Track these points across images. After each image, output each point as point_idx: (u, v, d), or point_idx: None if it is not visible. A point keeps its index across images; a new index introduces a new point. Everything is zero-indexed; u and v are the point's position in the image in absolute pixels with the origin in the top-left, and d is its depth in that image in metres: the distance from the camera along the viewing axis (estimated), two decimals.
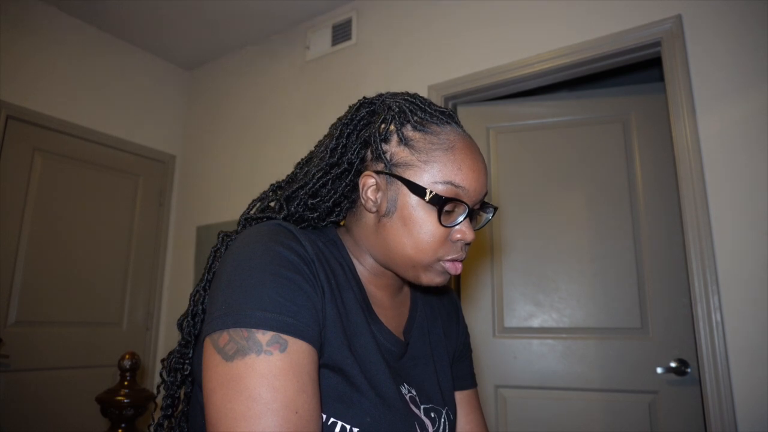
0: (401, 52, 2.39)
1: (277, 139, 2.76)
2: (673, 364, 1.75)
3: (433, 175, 0.62)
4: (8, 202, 2.39)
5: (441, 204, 0.61)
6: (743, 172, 1.56)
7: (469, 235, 0.63)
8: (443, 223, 0.62)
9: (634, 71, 2.39)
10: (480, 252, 2.14)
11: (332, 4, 2.63)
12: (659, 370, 1.77)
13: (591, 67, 1.95)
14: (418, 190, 0.62)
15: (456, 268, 0.65)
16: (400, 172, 0.64)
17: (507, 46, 2.08)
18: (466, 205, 0.63)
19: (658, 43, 1.78)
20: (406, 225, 0.63)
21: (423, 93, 2.23)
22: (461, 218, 0.63)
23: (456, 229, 0.64)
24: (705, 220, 1.59)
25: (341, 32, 2.61)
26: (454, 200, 0.62)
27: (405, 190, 0.63)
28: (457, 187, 0.62)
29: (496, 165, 2.18)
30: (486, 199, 0.70)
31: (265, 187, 0.76)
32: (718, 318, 1.53)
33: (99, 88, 2.81)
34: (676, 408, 1.74)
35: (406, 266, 0.65)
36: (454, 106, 2.26)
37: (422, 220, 0.62)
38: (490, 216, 0.72)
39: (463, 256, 0.66)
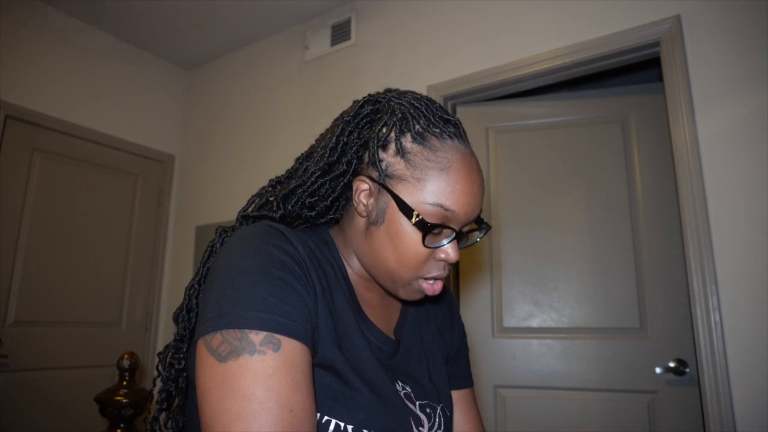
0: (400, 52, 2.39)
1: (276, 138, 2.76)
2: (671, 364, 1.75)
3: (424, 195, 0.60)
4: (7, 201, 2.39)
5: (426, 229, 0.60)
6: (742, 173, 1.56)
7: (453, 257, 0.62)
8: (427, 244, 0.61)
9: (633, 71, 2.39)
10: (479, 252, 2.14)
11: (331, 4, 2.63)
12: (658, 369, 1.76)
13: (590, 67, 1.95)
14: (407, 210, 0.61)
15: (434, 290, 0.65)
16: (392, 184, 0.62)
17: (506, 46, 2.08)
18: (453, 229, 0.62)
19: (657, 44, 1.77)
20: (392, 239, 0.62)
21: (422, 93, 2.23)
22: (446, 241, 0.62)
23: (441, 249, 0.63)
24: (704, 220, 1.59)
25: (340, 32, 2.61)
26: (441, 226, 0.61)
27: (394, 204, 0.62)
28: (446, 210, 0.60)
29: (495, 165, 2.18)
30: (481, 215, 0.69)
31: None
32: (717, 318, 1.53)
33: (98, 88, 2.81)
34: (675, 408, 1.74)
35: (386, 278, 0.65)
36: (454, 106, 2.26)
37: (407, 237, 0.61)
38: (480, 236, 0.70)
39: (445, 275, 0.65)
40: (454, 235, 0.62)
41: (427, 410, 0.68)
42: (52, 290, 2.52)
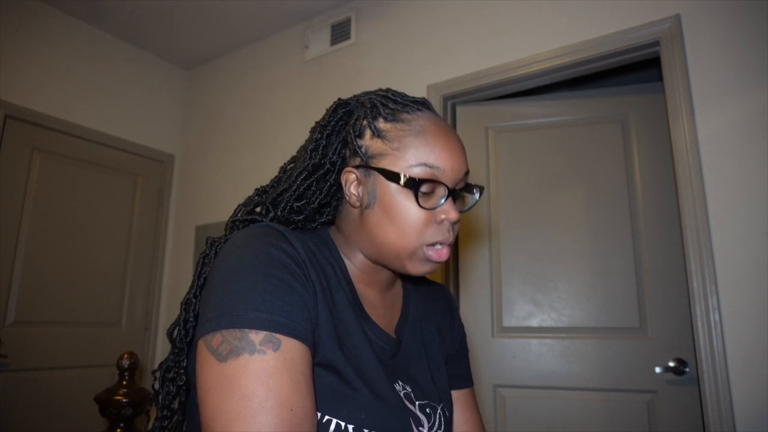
0: (400, 52, 2.39)
1: (276, 138, 2.76)
2: (671, 364, 1.75)
3: (407, 160, 0.63)
4: (7, 201, 2.39)
5: (416, 186, 0.61)
6: (742, 172, 1.56)
7: (453, 215, 0.63)
8: (423, 205, 0.62)
9: (633, 71, 2.39)
10: (479, 251, 2.14)
11: (331, 3, 2.63)
12: (658, 369, 1.76)
13: (590, 67, 1.95)
14: (393, 176, 0.62)
15: (440, 255, 0.65)
16: (375, 162, 0.65)
17: (506, 46, 2.08)
18: (445, 185, 0.63)
19: (656, 43, 1.78)
20: (388, 213, 0.63)
21: (422, 93, 2.23)
22: (443, 200, 0.63)
23: (439, 210, 0.64)
24: (704, 220, 1.59)
25: (340, 32, 2.61)
26: (430, 181, 0.62)
27: (382, 179, 0.64)
28: (431, 167, 0.63)
29: (495, 165, 2.18)
30: (472, 182, 0.70)
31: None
32: (717, 318, 1.53)
33: (98, 88, 2.81)
34: (675, 407, 1.74)
35: (392, 256, 0.65)
36: (453, 106, 2.26)
37: (402, 205, 0.63)
38: (477, 197, 0.71)
39: (451, 239, 0.65)
40: (447, 192, 0.63)
41: (427, 410, 0.68)
42: (52, 290, 2.52)
